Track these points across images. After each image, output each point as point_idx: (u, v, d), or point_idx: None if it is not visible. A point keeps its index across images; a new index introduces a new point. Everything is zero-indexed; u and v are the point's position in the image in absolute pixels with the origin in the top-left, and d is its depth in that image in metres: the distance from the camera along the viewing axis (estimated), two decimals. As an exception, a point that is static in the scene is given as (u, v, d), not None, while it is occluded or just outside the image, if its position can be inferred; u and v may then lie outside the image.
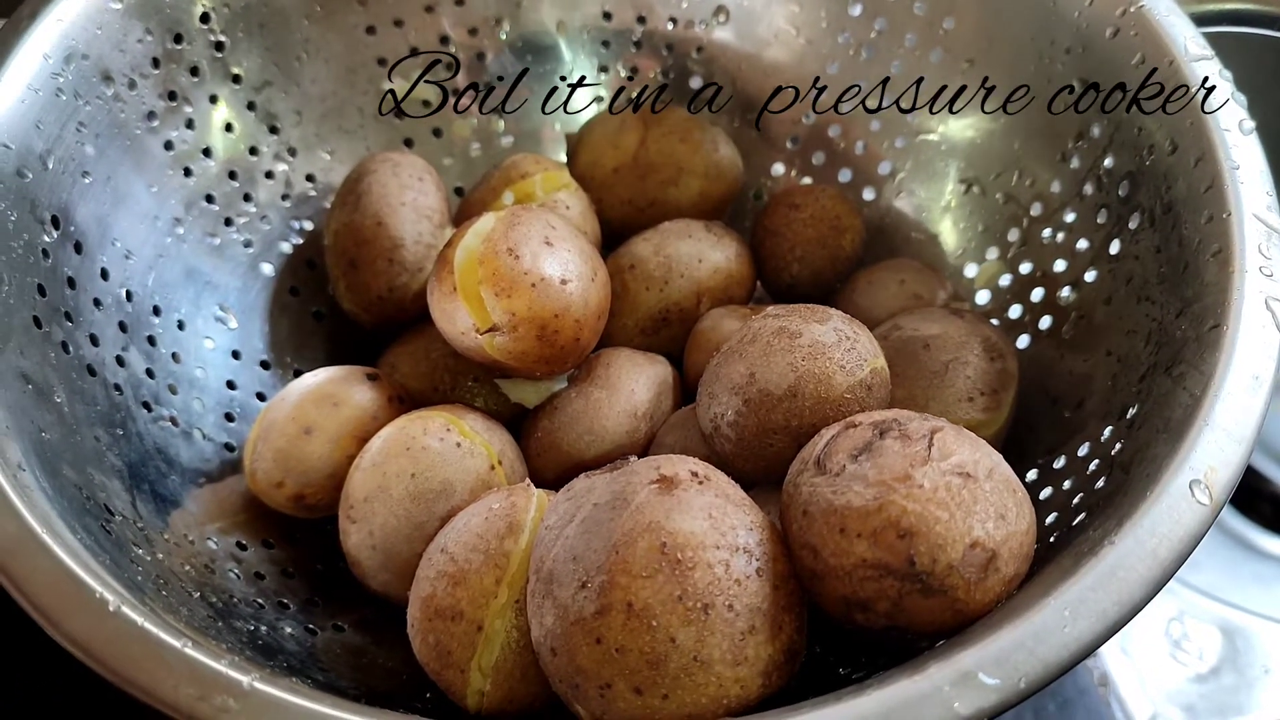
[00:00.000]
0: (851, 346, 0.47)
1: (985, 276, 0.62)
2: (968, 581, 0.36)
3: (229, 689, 0.33)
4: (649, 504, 0.38)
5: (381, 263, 0.58)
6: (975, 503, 0.37)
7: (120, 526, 0.43)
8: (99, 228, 0.52)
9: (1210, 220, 0.44)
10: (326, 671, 0.45)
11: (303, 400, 0.53)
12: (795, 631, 0.39)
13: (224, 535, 0.51)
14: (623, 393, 0.55)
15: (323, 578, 0.53)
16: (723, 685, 0.36)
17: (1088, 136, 0.53)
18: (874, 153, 0.67)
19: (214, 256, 0.60)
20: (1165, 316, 0.45)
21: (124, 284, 0.53)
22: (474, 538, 0.44)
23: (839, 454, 0.40)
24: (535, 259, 0.50)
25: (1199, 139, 0.46)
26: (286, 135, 0.63)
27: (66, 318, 0.48)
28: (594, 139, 0.66)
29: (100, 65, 0.52)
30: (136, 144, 0.54)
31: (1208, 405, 0.38)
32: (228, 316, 0.60)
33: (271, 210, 0.63)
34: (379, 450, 0.50)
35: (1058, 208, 0.56)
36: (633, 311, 0.60)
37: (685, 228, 0.62)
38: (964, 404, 0.51)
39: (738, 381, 0.47)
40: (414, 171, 0.61)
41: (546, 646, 0.38)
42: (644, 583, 0.36)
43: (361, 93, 0.66)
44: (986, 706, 0.32)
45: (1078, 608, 0.34)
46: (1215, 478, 0.37)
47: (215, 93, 0.59)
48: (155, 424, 0.52)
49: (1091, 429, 0.48)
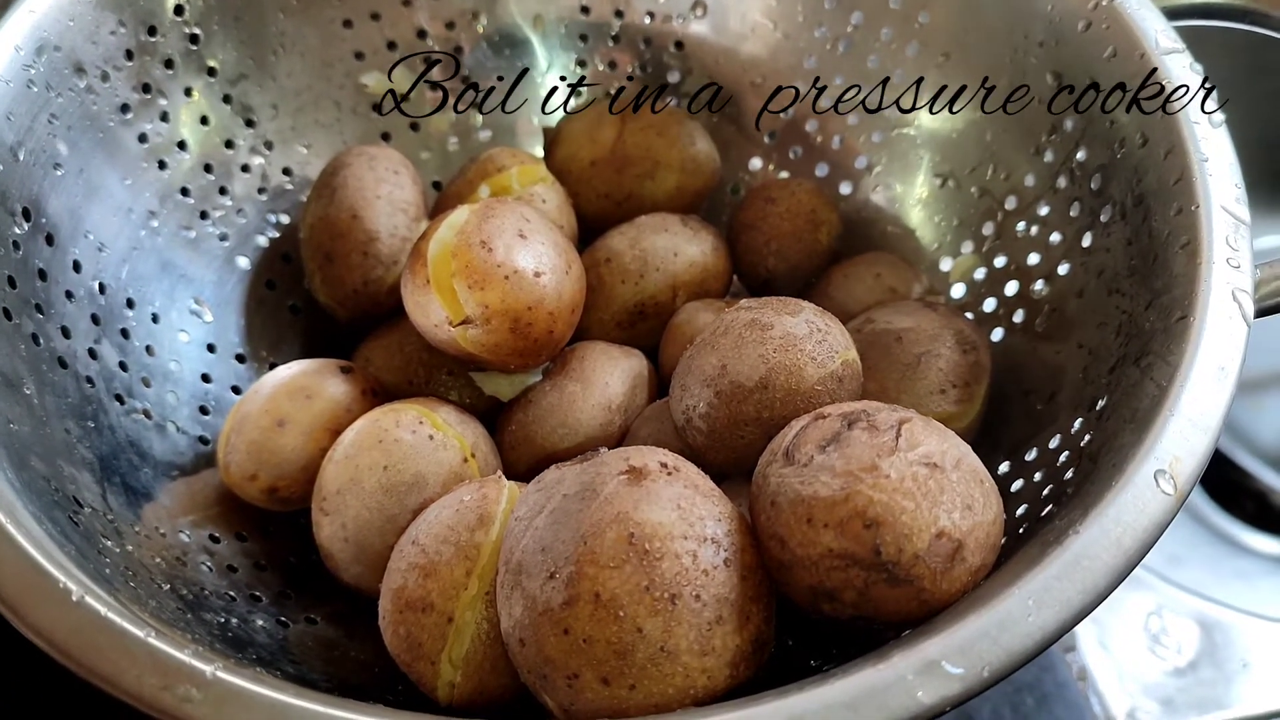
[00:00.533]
0: (823, 339, 0.47)
1: (960, 270, 0.62)
2: (933, 571, 0.36)
3: (192, 678, 0.33)
4: (617, 495, 0.38)
5: (356, 256, 0.58)
6: (942, 493, 0.37)
7: (89, 518, 0.43)
8: (71, 220, 0.51)
9: (1179, 212, 0.44)
10: (298, 664, 0.45)
11: (276, 393, 0.53)
12: (763, 622, 0.39)
13: (196, 528, 0.51)
14: (597, 386, 0.55)
15: (296, 571, 0.53)
16: (689, 676, 0.36)
17: (1061, 130, 0.54)
18: (851, 147, 0.67)
19: (189, 250, 0.59)
20: (1135, 308, 0.46)
21: (97, 276, 0.53)
22: (445, 529, 0.44)
23: (807, 445, 0.40)
24: (509, 251, 0.50)
25: (1169, 132, 0.46)
26: (263, 129, 0.63)
27: (37, 310, 0.48)
28: (571, 133, 0.66)
29: (72, 57, 0.52)
30: (110, 136, 0.54)
31: (1174, 396, 0.39)
32: (203, 310, 0.60)
33: (247, 204, 0.63)
34: (351, 443, 0.50)
35: (1032, 201, 0.56)
36: (608, 305, 0.60)
37: (661, 222, 0.62)
38: (936, 396, 0.51)
39: (709, 373, 0.47)
40: (390, 165, 0.61)
41: (515, 637, 0.38)
42: (611, 573, 0.36)
43: (338, 86, 0.66)
44: (950, 695, 0.32)
45: (1042, 596, 0.34)
46: (1180, 467, 0.37)
47: (190, 85, 0.59)
48: (128, 417, 0.52)
49: (1063, 421, 0.48)
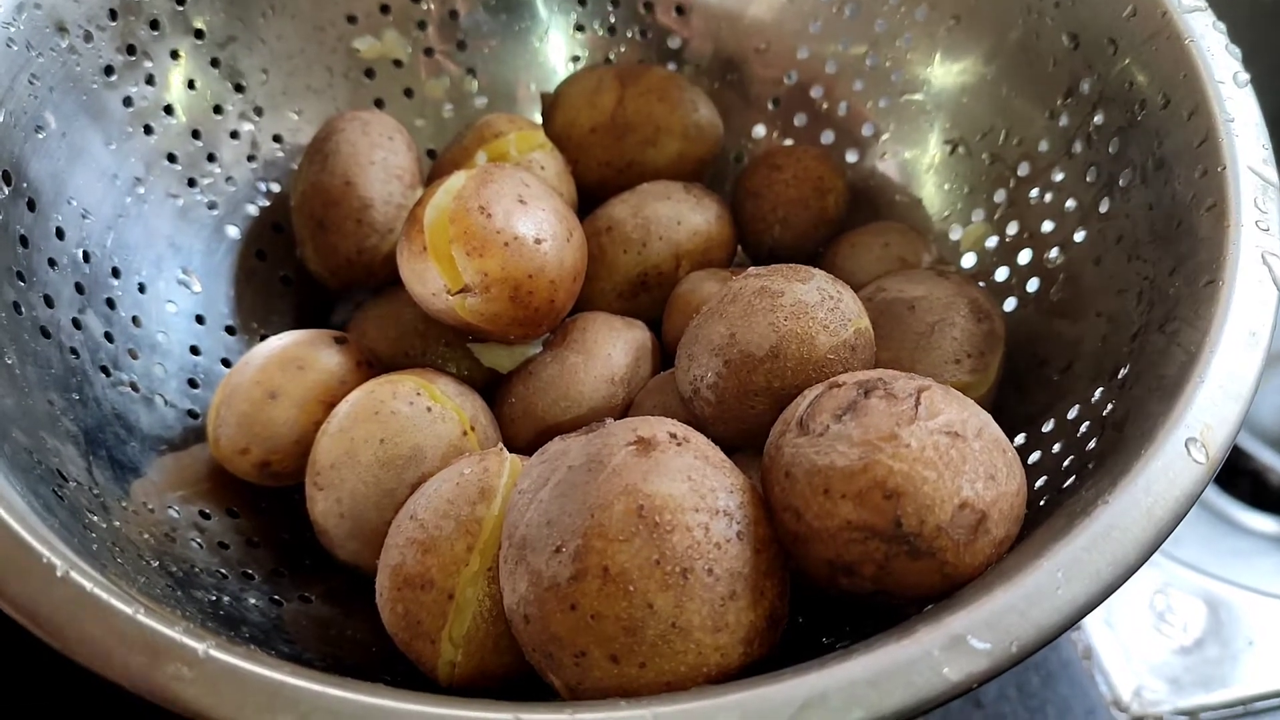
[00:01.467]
0: (835, 306, 0.46)
1: (971, 239, 0.61)
2: (956, 543, 0.35)
3: (182, 656, 0.31)
4: (626, 466, 0.37)
5: (350, 224, 0.57)
6: (964, 462, 0.36)
7: (74, 493, 0.42)
8: (54, 185, 0.50)
9: (1204, 174, 0.43)
10: (292, 643, 0.44)
11: (267, 364, 0.51)
12: (777, 597, 0.37)
13: (186, 504, 0.49)
14: (599, 358, 0.53)
15: (290, 548, 0.52)
16: (702, 653, 0.35)
17: (1077, 93, 0.52)
18: (857, 114, 0.66)
19: (177, 218, 0.58)
20: (1158, 274, 0.44)
21: (81, 244, 0.51)
22: (444, 504, 0.42)
23: (822, 414, 0.38)
24: (508, 218, 0.48)
25: (1192, 92, 0.45)
26: (252, 93, 0.61)
27: (19, 277, 0.46)
28: (570, 98, 0.65)
29: (54, 15, 0.50)
30: (94, 99, 0.52)
31: (1204, 362, 0.37)
32: (191, 280, 0.58)
33: (237, 171, 0.61)
34: (346, 415, 0.48)
35: (1045, 167, 0.55)
36: (610, 275, 0.58)
37: (664, 189, 0.60)
38: (950, 366, 0.50)
39: (718, 342, 0.46)
40: (384, 130, 0.59)
41: (519, 614, 0.37)
42: (620, 546, 0.35)
43: (330, 50, 0.64)
44: (977, 671, 0.31)
45: (1071, 569, 0.33)
46: (1211, 435, 0.36)
47: (176, 48, 0.57)
48: (114, 389, 0.50)
49: (1081, 390, 0.47)
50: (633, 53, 0.70)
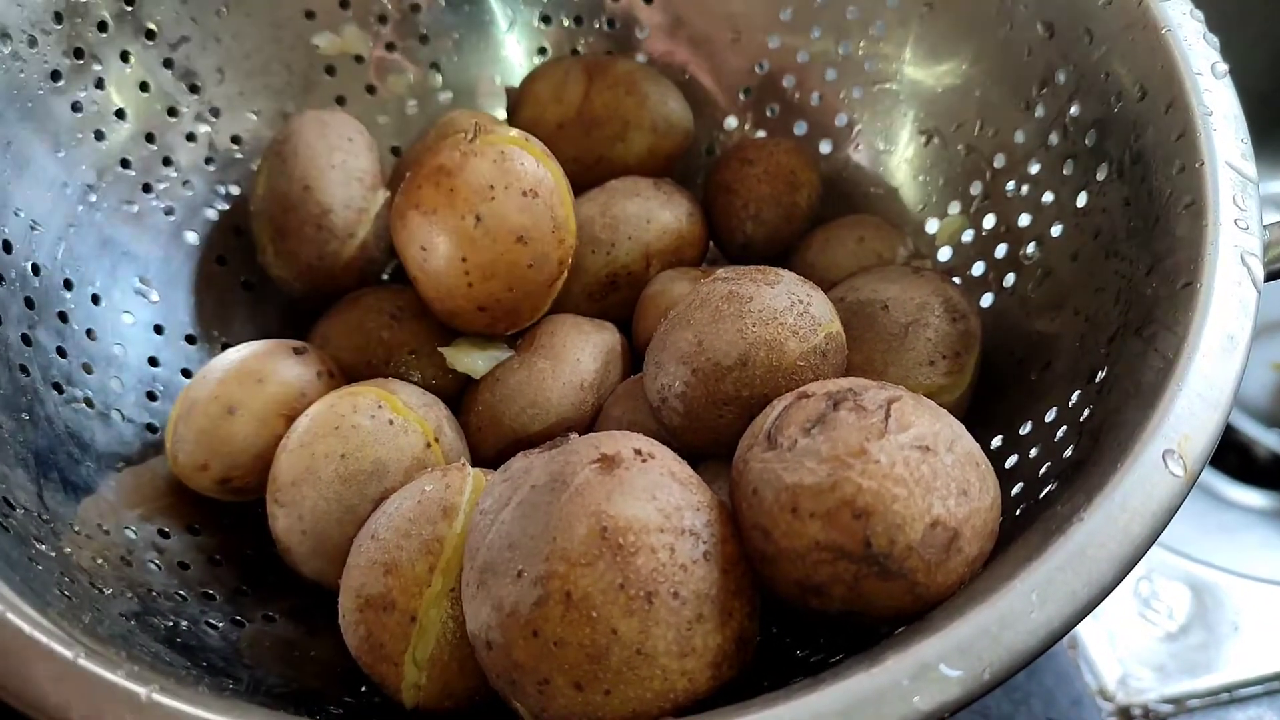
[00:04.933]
0: (805, 310, 0.45)
1: (947, 232, 0.60)
2: (928, 563, 0.34)
3: (127, 702, 0.30)
4: (589, 485, 0.36)
5: (310, 229, 0.55)
6: (935, 478, 0.35)
7: (21, 521, 0.40)
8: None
9: (1182, 170, 0.42)
10: (252, 669, 0.42)
11: (226, 377, 0.50)
12: (746, 618, 0.36)
13: (145, 522, 0.48)
14: (568, 363, 0.52)
15: (253, 564, 0.51)
16: (668, 679, 0.34)
17: (1053, 83, 0.51)
18: (830, 104, 0.65)
19: (132, 225, 0.56)
20: (1135, 273, 0.43)
21: (29, 257, 0.49)
22: (406, 523, 0.41)
23: (791, 427, 0.37)
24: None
25: (1169, 83, 0.44)
26: (208, 94, 0.60)
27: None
28: (536, 93, 0.63)
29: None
30: (40, 105, 0.51)
31: (1181, 368, 0.36)
32: (148, 289, 0.56)
33: (194, 175, 0.59)
34: (306, 430, 0.47)
35: (1022, 159, 0.54)
36: (578, 276, 0.57)
37: (633, 186, 0.59)
38: (925, 368, 0.49)
39: (685, 350, 0.45)
40: (343, 131, 0.57)
41: (482, 640, 0.36)
42: (583, 571, 0.34)
43: (289, 48, 0.62)
44: (949, 700, 0.30)
45: (1045, 590, 0.32)
46: (1190, 446, 0.35)
47: (127, 49, 0.55)
48: (67, 406, 0.49)
49: (1059, 392, 0.46)
50: (600, 44, 0.68)
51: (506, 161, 0.48)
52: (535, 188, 0.49)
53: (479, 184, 0.48)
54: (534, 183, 0.49)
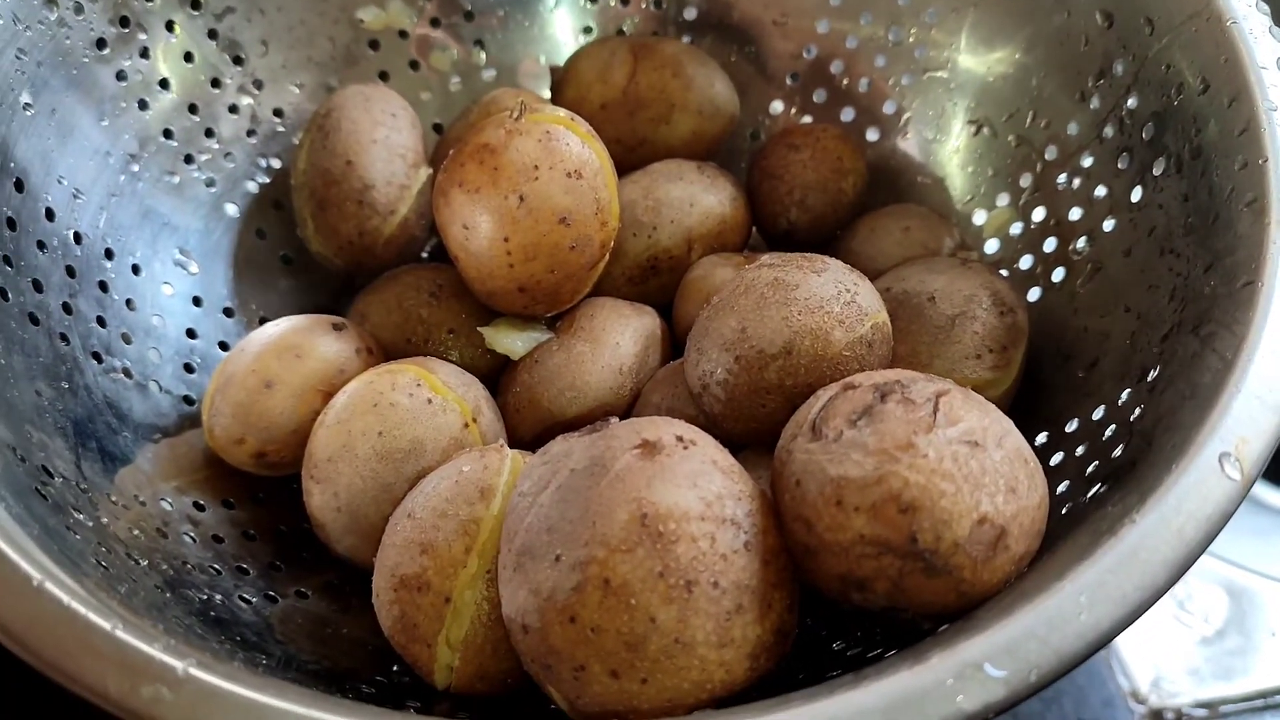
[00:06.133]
0: (851, 299, 0.44)
1: (995, 224, 0.59)
2: (974, 560, 0.33)
3: (163, 676, 0.30)
4: (629, 471, 0.35)
5: (351, 204, 0.55)
6: (984, 474, 0.34)
7: (60, 490, 0.40)
8: (43, 164, 0.48)
9: (1245, 167, 0.41)
10: (284, 645, 0.42)
11: (263, 351, 0.50)
12: (786, 610, 0.36)
13: (180, 495, 0.48)
14: (607, 346, 0.51)
15: (287, 540, 0.51)
16: (706, 669, 0.33)
17: (1110, 74, 0.50)
18: (879, 91, 0.64)
19: (173, 196, 0.56)
20: (1192, 271, 0.42)
21: (72, 225, 0.49)
22: (442, 503, 0.41)
23: (836, 418, 0.37)
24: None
25: (1233, 77, 0.42)
26: (251, 66, 0.60)
27: (5, 261, 0.45)
28: (581, 72, 0.62)
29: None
30: (85, 74, 0.51)
31: (1240, 369, 0.35)
32: (188, 260, 0.56)
33: (236, 147, 0.59)
34: (344, 406, 0.47)
35: (1075, 151, 0.53)
36: (619, 259, 0.56)
37: (676, 169, 0.58)
38: (971, 361, 0.48)
39: (728, 337, 0.44)
40: (386, 106, 0.57)
41: (518, 624, 0.35)
42: (622, 557, 0.33)
43: (333, 21, 0.62)
44: (994, 701, 0.29)
45: (1095, 592, 0.31)
46: (1247, 450, 0.34)
47: (172, 19, 0.55)
48: (106, 376, 0.49)
49: (1107, 391, 0.45)
50: (647, 24, 0.68)
51: (552, 141, 0.48)
52: (580, 169, 0.48)
53: (523, 163, 0.47)
54: (579, 164, 0.48)
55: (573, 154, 0.48)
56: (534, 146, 0.47)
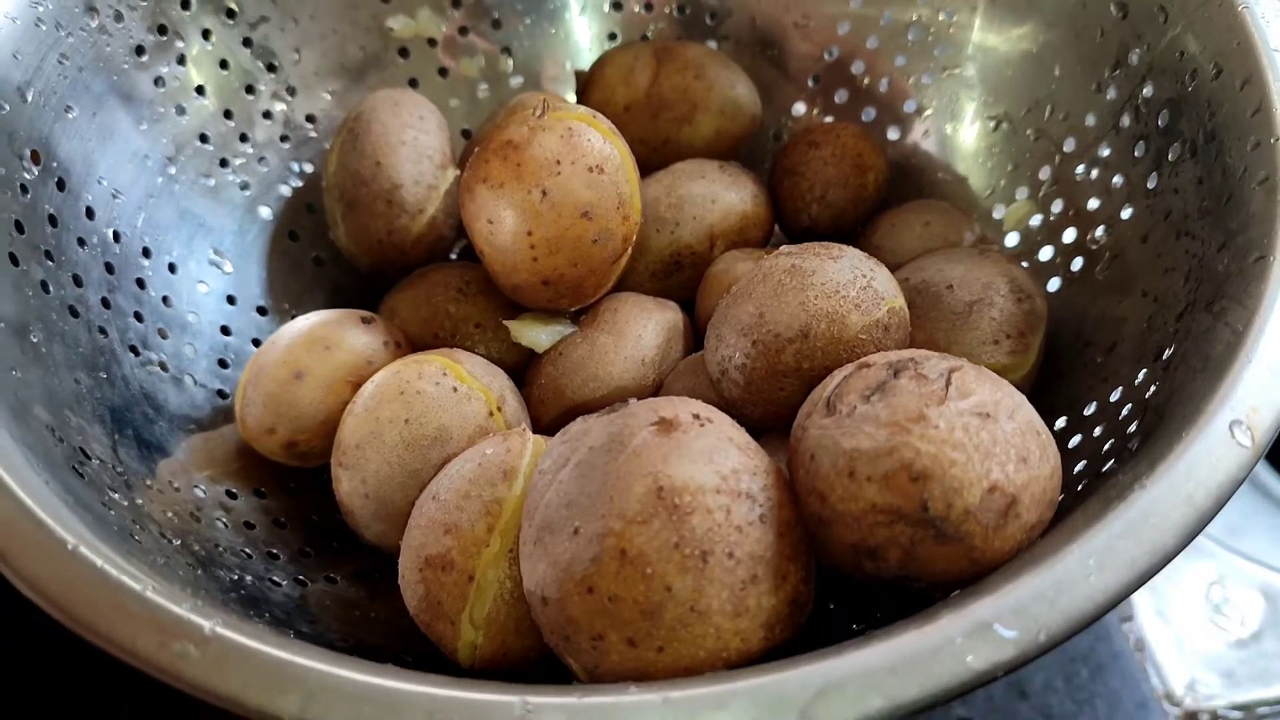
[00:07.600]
0: (868, 284, 0.44)
1: (1015, 218, 0.59)
2: (985, 528, 0.34)
3: (189, 635, 0.31)
4: (646, 446, 0.36)
5: (380, 204, 0.56)
6: (995, 444, 0.34)
7: (96, 470, 0.41)
8: (84, 165, 0.50)
9: (1257, 146, 0.41)
10: (314, 624, 0.43)
11: (294, 344, 0.51)
12: (801, 581, 0.36)
13: (213, 483, 0.49)
14: (630, 338, 0.52)
15: (317, 529, 0.51)
16: (722, 637, 0.34)
17: (1125, 64, 0.50)
18: (899, 90, 0.64)
19: (209, 198, 0.57)
20: (1206, 251, 0.42)
21: (111, 224, 0.51)
22: (466, 484, 0.42)
23: (850, 394, 0.37)
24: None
25: (1245, 60, 0.43)
26: (285, 73, 0.61)
27: (47, 256, 0.46)
28: (605, 76, 0.64)
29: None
30: (124, 79, 0.52)
31: (1251, 340, 0.35)
32: (223, 260, 0.58)
33: (270, 151, 0.61)
34: (372, 395, 0.48)
35: (1092, 142, 0.53)
36: (642, 255, 0.57)
37: (698, 168, 0.59)
38: (989, 347, 0.48)
39: (746, 322, 0.45)
40: (415, 110, 0.58)
41: (538, 596, 0.36)
42: (639, 529, 0.34)
43: (364, 29, 0.64)
44: (1002, 660, 0.29)
45: (1104, 556, 0.31)
46: (1258, 418, 0.34)
47: (208, 27, 0.57)
48: (143, 369, 0.50)
49: (1125, 373, 0.45)
50: (670, 29, 0.69)
51: (573, 137, 0.49)
52: (601, 164, 0.49)
53: (545, 158, 0.48)
54: (600, 159, 0.49)
55: (594, 149, 0.49)
56: (556, 142, 0.48)
